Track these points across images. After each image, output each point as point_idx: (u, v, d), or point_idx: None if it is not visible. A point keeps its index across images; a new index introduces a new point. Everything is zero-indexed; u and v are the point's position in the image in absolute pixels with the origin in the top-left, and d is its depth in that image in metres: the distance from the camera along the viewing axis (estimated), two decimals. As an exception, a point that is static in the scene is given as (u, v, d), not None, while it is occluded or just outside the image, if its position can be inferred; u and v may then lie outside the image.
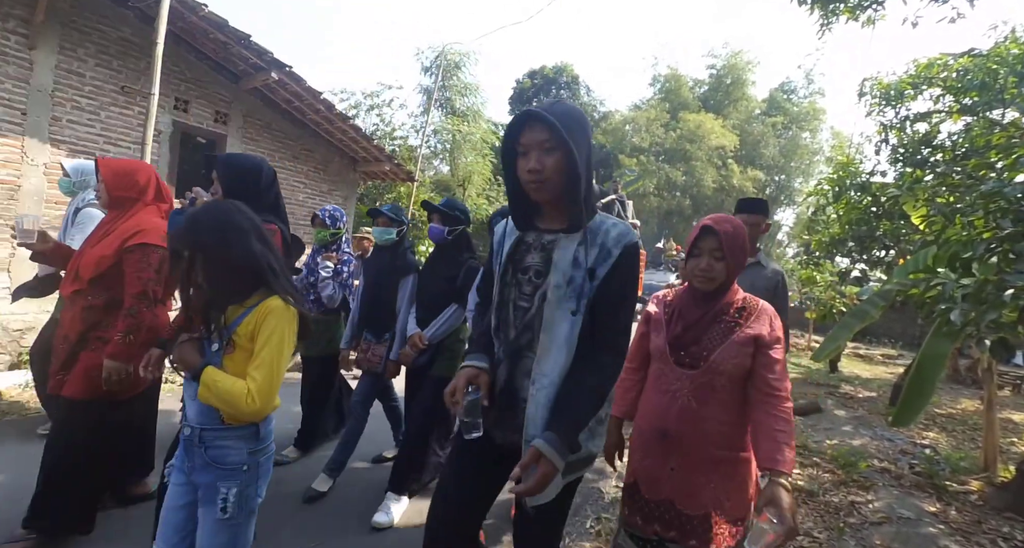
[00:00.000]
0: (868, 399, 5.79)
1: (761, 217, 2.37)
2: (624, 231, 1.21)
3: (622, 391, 1.66)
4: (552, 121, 1.09)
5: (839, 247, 6.27)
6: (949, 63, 5.20)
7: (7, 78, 4.55)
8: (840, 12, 5.09)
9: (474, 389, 1.19)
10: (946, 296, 2.36)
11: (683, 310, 1.50)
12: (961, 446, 4.17)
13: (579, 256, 1.16)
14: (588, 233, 1.18)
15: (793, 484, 3.06)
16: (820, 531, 2.54)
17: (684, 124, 23.73)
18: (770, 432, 1.31)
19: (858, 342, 11.40)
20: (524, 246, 1.27)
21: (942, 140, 5.46)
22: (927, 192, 3.89)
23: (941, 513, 2.84)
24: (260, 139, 6.68)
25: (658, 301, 1.62)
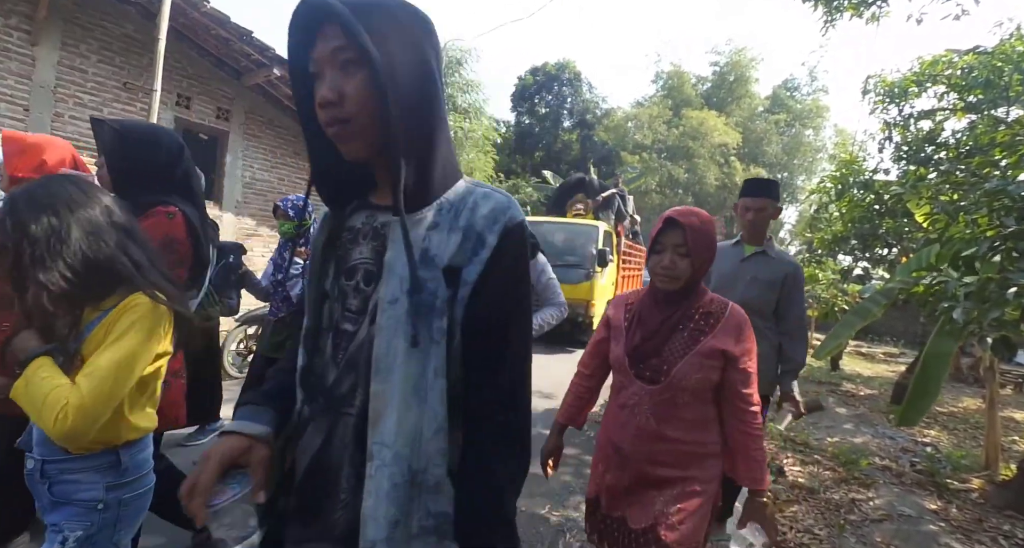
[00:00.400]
0: (870, 397, 5.79)
1: (769, 201, 2.14)
2: (502, 204, 0.73)
3: (572, 397, 1.55)
4: (347, 16, 0.63)
5: (841, 245, 6.25)
6: (954, 60, 5.17)
7: (9, 74, 4.56)
8: (844, 8, 5.06)
9: (239, 479, 0.73)
10: (949, 294, 2.35)
11: (643, 315, 1.35)
12: (962, 444, 4.17)
13: (429, 248, 0.71)
14: (443, 209, 0.73)
15: (794, 481, 3.07)
16: (821, 528, 2.54)
17: (687, 121, 23.67)
18: (748, 452, 1.28)
19: (860, 340, 11.38)
20: (347, 234, 0.79)
21: (946, 138, 5.43)
22: (931, 190, 3.88)
23: (942, 511, 2.85)
24: (262, 135, 6.68)
25: (618, 304, 1.46)
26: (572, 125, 28.38)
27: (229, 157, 6.36)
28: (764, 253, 2.16)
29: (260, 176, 6.73)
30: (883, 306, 3.65)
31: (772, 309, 2.12)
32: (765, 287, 2.10)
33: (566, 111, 28.97)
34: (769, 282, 2.09)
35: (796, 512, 2.70)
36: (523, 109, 29.48)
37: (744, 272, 2.14)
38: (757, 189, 2.19)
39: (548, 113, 29.03)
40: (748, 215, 2.16)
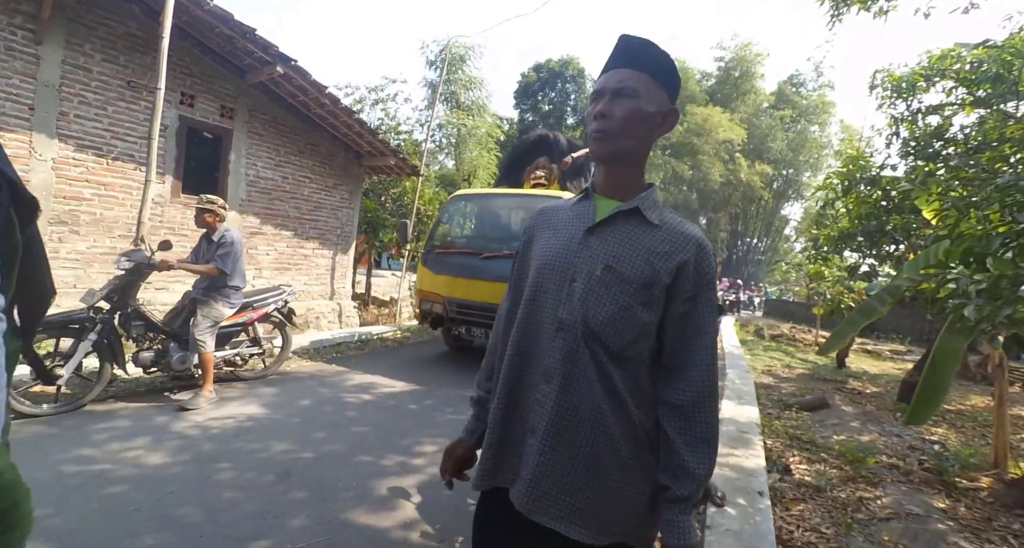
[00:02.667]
0: (876, 395, 5.75)
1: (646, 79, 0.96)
2: None
3: None
4: None
5: (848, 242, 6.20)
6: (962, 55, 5.10)
7: (14, 73, 4.57)
8: (851, 2, 5.01)
9: None
10: (960, 291, 2.32)
11: None
12: (971, 442, 4.14)
13: None
14: None
15: (800, 480, 3.05)
16: (828, 527, 2.53)
17: (691, 117, 23.57)
18: None
19: (866, 337, 11.32)
20: None
21: (955, 133, 5.38)
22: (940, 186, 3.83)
23: (950, 509, 2.82)
24: (265, 133, 6.69)
25: None
26: (575, 122, 28.29)
27: (233, 155, 6.37)
28: (638, 214, 0.98)
29: (264, 174, 6.74)
30: (889, 304, 3.62)
31: (645, 349, 0.95)
32: (631, 292, 0.93)
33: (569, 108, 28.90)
34: (641, 280, 0.93)
35: (803, 510, 2.69)
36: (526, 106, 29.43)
37: (588, 256, 0.96)
38: (626, 57, 0.97)
39: (551, 110, 28.97)
40: (602, 123, 0.96)
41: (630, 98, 0.95)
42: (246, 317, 4.23)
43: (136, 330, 3.69)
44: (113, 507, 2.20)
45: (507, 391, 1.00)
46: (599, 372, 0.92)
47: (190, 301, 3.88)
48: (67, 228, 4.98)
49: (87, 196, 5.11)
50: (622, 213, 0.98)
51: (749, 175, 24.04)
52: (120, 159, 5.31)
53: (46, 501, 2.18)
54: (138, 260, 3.54)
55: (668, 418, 0.94)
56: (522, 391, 0.99)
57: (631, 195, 1.01)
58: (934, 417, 4.79)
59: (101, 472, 2.50)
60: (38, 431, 2.95)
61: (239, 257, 3.85)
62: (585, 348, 0.93)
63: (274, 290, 4.58)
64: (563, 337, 0.94)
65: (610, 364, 0.92)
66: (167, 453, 2.79)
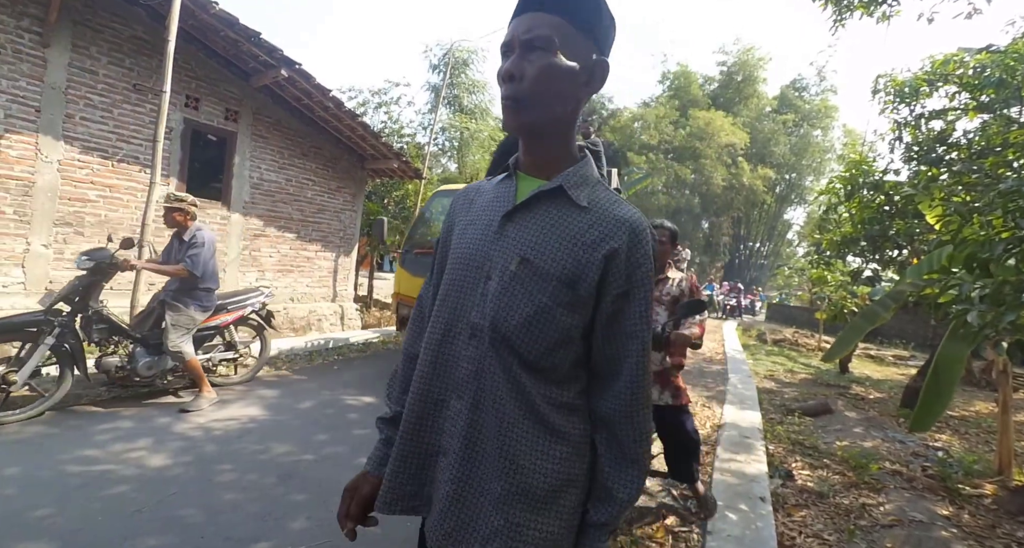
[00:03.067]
0: (879, 400, 5.72)
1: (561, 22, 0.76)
2: None
3: None
4: None
5: (851, 246, 6.19)
6: (966, 60, 5.10)
7: (21, 76, 4.61)
8: (854, 7, 5.02)
9: None
10: (963, 297, 2.31)
11: None
12: (975, 449, 4.11)
13: None
14: None
15: (803, 486, 3.04)
16: (830, 533, 2.51)
17: (693, 121, 23.59)
18: None
19: (869, 343, 11.27)
20: None
21: (958, 138, 5.36)
22: (943, 191, 3.83)
23: (954, 516, 2.80)
24: (269, 136, 6.72)
25: None
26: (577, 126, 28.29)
27: (237, 158, 6.40)
28: (563, 195, 0.81)
29: (268, 177, 6.77)
30: (892, 309, 3.60)
31: (567, 358, 0.80)
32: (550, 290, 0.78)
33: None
34: (562, 275, 0.77)
35: (805, 517, 2.67)
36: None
37: (503, 248, 0.81)
38: None
39: None
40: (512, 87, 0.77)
41: (544, 51, 0.75)
42: (219, 320, 4.01)
43: (99, 334, 3.45)
44: (115, 507, 2.20)
45: (418, 405, 0.84)
46: (512, 387, 0.77)
47: (159, 304, 3.68)
48: (72, 229, 5.01)
49: (92, 198, 5.14)
50: (544, 194, 0.81)
51: (752, 179, 24.02)
52: (125, 161, 5.34)
53: (48, 501, 2.18)
54: (99, 259, 3.34)
55: (596, 432, 0.82)
56: (434, 407, 0.84)
57: (559, 172, 0.83)
58: (938, 423, 4.76)
59: (103, 472, 2.51)
60: (40, 431, 2.96)
61: (211, 257, 3.67)
62: (495, 358, 0.78)
63: (251, 292, 4.36)
64: (475, 346, 0.79)
65: (525, 376, 0.77)
66: (169, 454, 2.80)
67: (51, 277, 4.86)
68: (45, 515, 2.08)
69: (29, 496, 2.22)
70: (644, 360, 0.80)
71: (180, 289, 3.63)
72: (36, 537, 1.94)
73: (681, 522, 2.50)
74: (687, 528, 2.43)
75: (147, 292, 4.70)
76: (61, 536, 1.96)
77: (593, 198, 0.81)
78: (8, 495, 2.21)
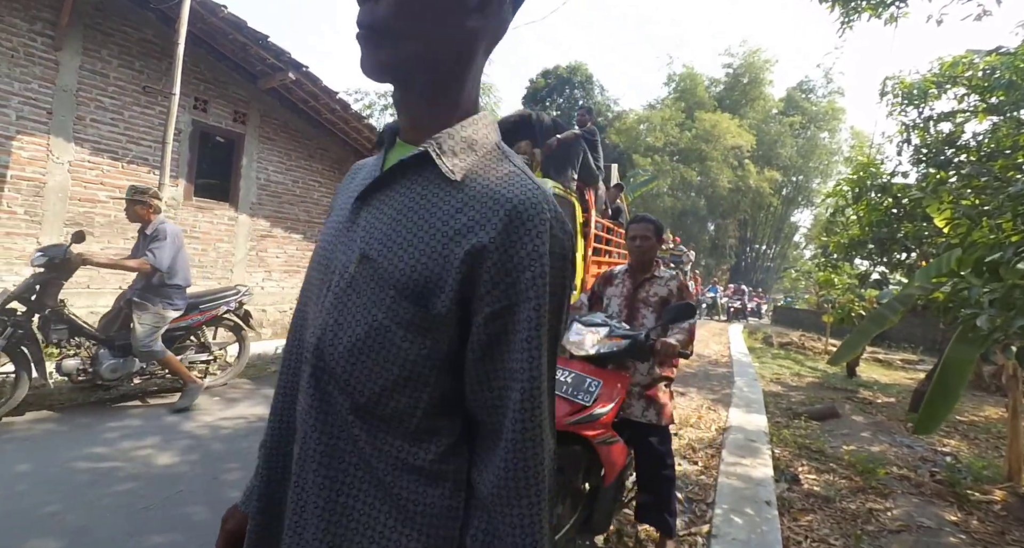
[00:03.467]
0: (887, 405, 5.67)
1: None
2: None
3: None
4: None
5: (858, 249, 6.15)
6: (975, 61, 5.06)
7: (34, 78, 4.68)
8: (862, 9, 5.00)
9: None
10: (972, 301, 2.29)
11: None
12: (984, 454, 4.07)
13: None
14: None
15: (809, 490, 3.02)
16: (837, 538, 2.49)
17: (699, 123, 23.54)
18: None
19: (877, 346, 11.17)
20: None
21: (967, 140, 5.32)
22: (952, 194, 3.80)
23: (962, 522, 2.77)
24: (277, 138, 6.77)
25: None
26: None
27: (245, 159, 6.45)
28: (430, 165, 0.57)
29: (275, 178, 6.82)
30: (901, 312, 3.57)
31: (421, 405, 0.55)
32: (388, 302, 0.54)
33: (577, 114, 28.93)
34: (407, 281, 0.53)
35: (811, 521, 2.65)
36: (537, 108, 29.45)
37: (349, 241, 0.60)
38: None
39: (559, 116, 29.01)
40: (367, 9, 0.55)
41: None
42: (191, 320, 3.76)
43: (57, 334, 3.24)
44: (123, 505, 2.22)
45: (268, 441, 0.65)
46: (341, 441, 0.55)
47: (126, 303, 3.48)
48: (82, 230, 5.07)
49: (102, 198, 5.20)
50: (407, 165, 0.57)
51: (758, 181, 23.93)
52: (135, 162, 5.40)
53: (56, 498, 2.21)
54: (52, 255, 3.15)
55: (468, 518, 0.56)
56: (287, 445, 0.63)
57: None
58: (946, 428, 4.71)
59: (111, 470, 2.53)
60: (50, 429, 2.99)
61: (176, 252, 3.44)
62: (319, 397, 0.57)
63: (226, 291, 4.10)
64: (305, 377, 0.59)
65: (358, 426, 0.55)
66: (177, 452, 2.82)
67: (61, 277, 4.92)
68: (53, 512, 2.10)
69: (38, 493, 2.24)
70: (536, 413, 0.53)
71: (147, 287, 3.43)
72: (44, 533, 1.96)
73: (686, 525, 2.49)
74: (692, 531, 2.42)
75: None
76: (69, 533, 1.98)
77: (473, 170, 0.56)
78: (19, 492, 2.24)
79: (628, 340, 1.94)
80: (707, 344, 10.21)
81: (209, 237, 6.15)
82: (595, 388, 1.83)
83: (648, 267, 2.34)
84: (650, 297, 2.26)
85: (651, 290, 2.28)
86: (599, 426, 1.79)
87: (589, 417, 1.77)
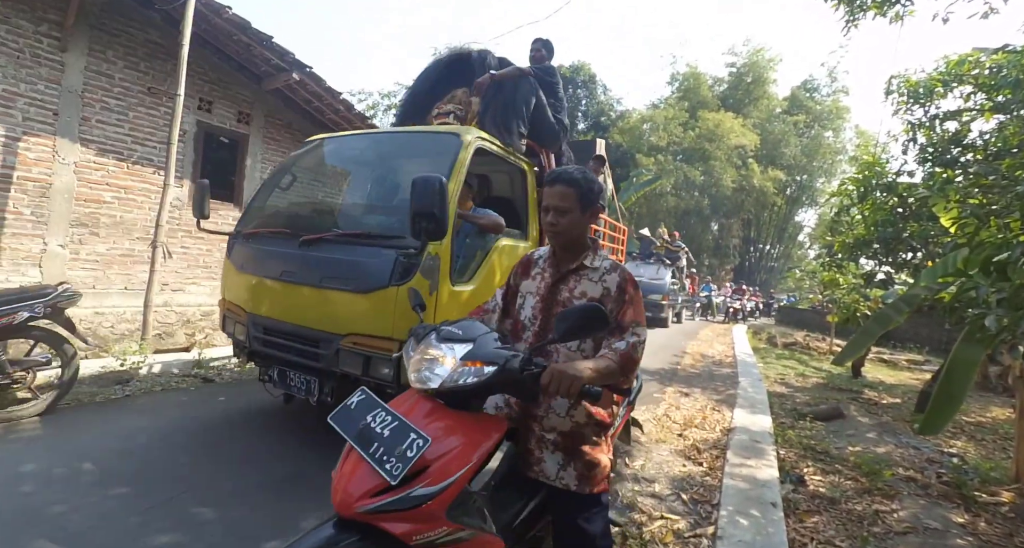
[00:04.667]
0: (893, 405, 5.64)
1: None
2: None
3: None
4: None
5: (863, 249, 6.11)
6: (981, 60, 5.03)
7: (40, 79, 4.70)
8: (867, 7, 4.97)
9: None
10: (979, 301, 2.28)
11: None
12: (991, 456, 4.04)
13: None
14: None
15: (815, 491, 3.00)
16: (842, 540, 2.48)
17: (703, 123, 23.47)
18: None
19: (882, 347, 11.11)
20: None
21: (973, 139, 5.29)
22: (958, 193, 3.77)
23: (970, 524, 2.75)
24: (281, 139, 6.79)
25: None
26: (587, 127, 28.29)
27: (249, 160, 6.48)
28: None
29: (278, 178, 6.83)
30: (906, 312, 3.56)
31: None
32: None
33: (581, 113, 28.89)
34: None
35: (816, 523, 2.64)
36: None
37: None
38: None
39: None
40: None
41: None
42: None
43: None
44: (127, 504, 2.22)
45: None
46: None
47: None
48: (87, 230, 5.10)
49: (107, 199, 5.22)
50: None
51: (762, 181, 23.83)
52: (140, 163, 5.43)
53: (61, 498, 2.21)
54: None
55: None
56: None
57: None
58: (953, 429, 4.68)
59: (116, 469, 2.54)
60: (54, 430, 3.00)
61: None
62: None
63: (27, 291, 3.05)
64: None
65: None
66: (182, 451, 2.82)
67: (67, 277, 4.94)
68: (58, 513, 2.11)
69: (44, 493, 2.25)
70: None
71: None
72: (48, 534, 1.97)
73: (691, 527, 2.48)
74: (697, 533, 2.41)
75: (160, 292, 4.77)
76: (74, 533, 1.99)
77: None
78: (24, 492, 2.25)
79: (494, 367, 1.21)
80: (711, 344, 10.17)
81: (214, 237, 6.18)
82: (416, 449, 1.05)
83: (575, 253, 1.54)
84: (574, 298, 1.49)
85: (577, 288, 1.50)
86: (422, 518, 1.04)
87: (401, 501, 1.02)
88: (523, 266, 1.69)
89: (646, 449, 3.51)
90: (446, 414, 1.22)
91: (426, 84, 4.21)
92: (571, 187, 1.47)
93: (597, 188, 1.53)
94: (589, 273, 1.52)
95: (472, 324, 1.39)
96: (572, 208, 1.47)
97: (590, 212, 1.51)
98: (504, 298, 1.70)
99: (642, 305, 1.50)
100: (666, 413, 4.48)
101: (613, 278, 1.48)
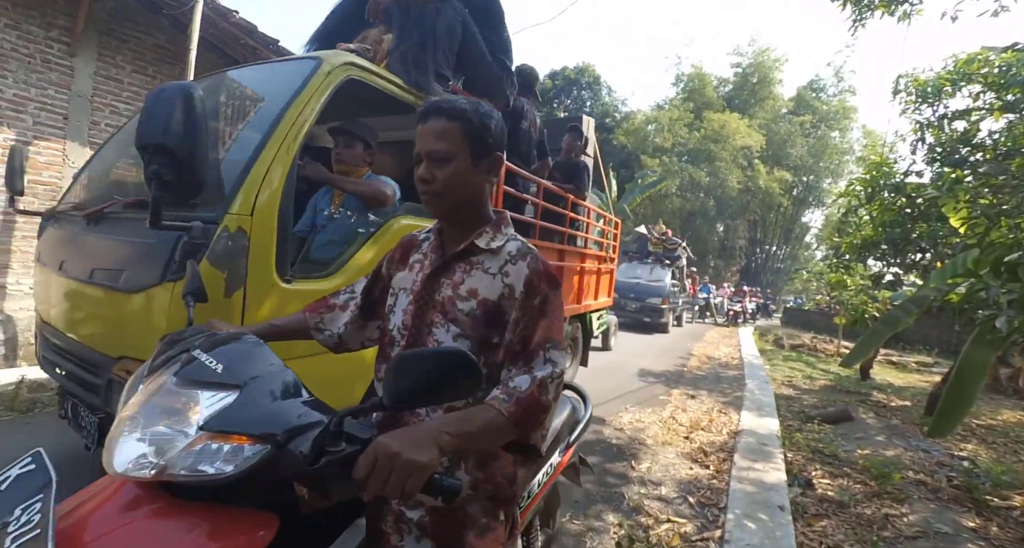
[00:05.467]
0: (902, 408, 5.58)
1: None
2: None
3: None
4: None
5: (871, 250, 6.07)
6: (990, 58, 4.99)
7: (50, 84, 4.76)
8: (875, 7, 4.94)
9: None
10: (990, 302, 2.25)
11: None
12: (1003, 459, 3.99)
13: None
14: None
15: (823, 495, 2.98)
16: (851, 544, 2.45)
17: (708, 124, 23.40)
18: None
19: (891, 349, 11.02)
20: None
21: (983, 139, 5.24)
22: (968, 193, 3.73)
23: (981, 529, 2.72)
24: (287, 142, 6.82)
25: None
26: (591, 129, 28.29)
27: (255, 163, 6.51)
28: None
29: (284, 181, 6.87)
30: (915, 314, 3.52)
31: None
32: None
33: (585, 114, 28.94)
34: None
35: (825, 526, 2.61)
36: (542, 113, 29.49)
37: None
38: None
39: (567, 118, 29.01)
40: None
41: None
42: None
43: None
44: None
45: None
46: None
47: None
48: None
49: (116, 202, 5.27)
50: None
51: (768, 182, 23.71)
52: (147, 167, 5.47)
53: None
54: None
55: None
56: None
57: None
58: (963, 432, 4.63)
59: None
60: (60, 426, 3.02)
61: None
62: None
63: None
64: None
65: None
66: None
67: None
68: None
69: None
70: None
71: None
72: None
73: (698, 530, 2.46)
74: (704, 536, 2.40)
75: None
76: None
77: None
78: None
79: (263, 448, 0.72)
80: (717, 346, 10.13)
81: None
82: None
83: (464, 228, 1.02)
84: (457, 298, 0.97)
85: (463, 283, 0.98)
86: None
87: None
88: (402, 250, 1.12)
89: (652, 452, 3.50)
90: (164, 512, 0.70)
91: (335, 18, 3.28)
92: (454, 121, 0.93)
93: (498, 127, 0.98)
94: (484, 259, 0.98)
95: (248, 349, 0.84)
96: (455, 154, 0.94)
97: (487, 162, 0.98)
98: (368, 292, 1.16)
99: (562, 315, 0.97)
100: (672, 415, 4.46)
101: (519, 270, 0.95)
